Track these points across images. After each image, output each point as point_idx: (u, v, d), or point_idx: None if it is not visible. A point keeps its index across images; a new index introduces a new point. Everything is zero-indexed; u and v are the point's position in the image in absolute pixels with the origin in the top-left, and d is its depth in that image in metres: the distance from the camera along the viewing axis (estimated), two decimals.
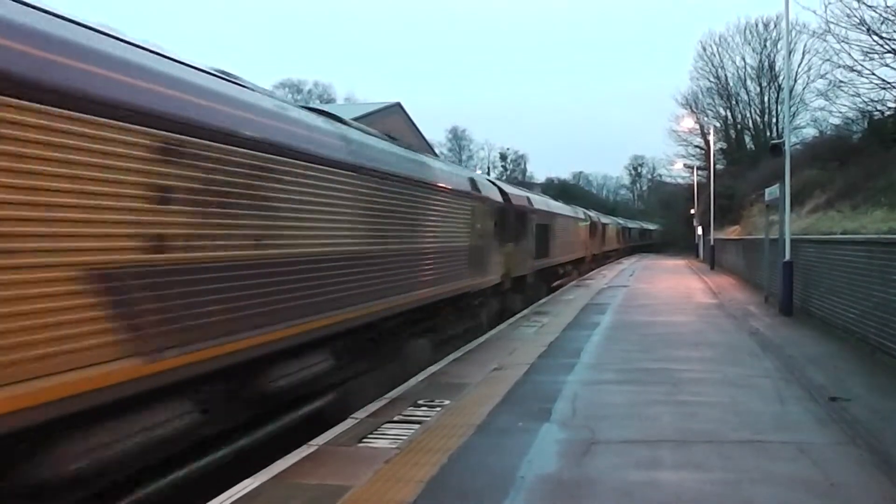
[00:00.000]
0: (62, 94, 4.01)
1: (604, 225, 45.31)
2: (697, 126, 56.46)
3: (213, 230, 5.24)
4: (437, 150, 68.30)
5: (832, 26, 26.60)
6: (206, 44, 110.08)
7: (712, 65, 55.25)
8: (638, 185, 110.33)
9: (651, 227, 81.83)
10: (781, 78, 49.33)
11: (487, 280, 14.22)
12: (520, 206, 18.23)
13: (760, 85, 53.76)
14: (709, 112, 57.13)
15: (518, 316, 16.08)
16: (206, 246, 5.14)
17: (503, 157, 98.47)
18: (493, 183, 16.88)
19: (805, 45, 43.11)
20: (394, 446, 6.06)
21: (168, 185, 4.80)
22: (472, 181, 13.63)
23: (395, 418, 7.00)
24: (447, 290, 11.23)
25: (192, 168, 5.04)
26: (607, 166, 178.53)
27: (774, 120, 52.39)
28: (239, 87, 6.17)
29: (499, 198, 15.63)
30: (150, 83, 4.78)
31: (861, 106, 29.04)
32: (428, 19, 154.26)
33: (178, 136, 4.89)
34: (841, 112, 31.93)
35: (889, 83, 26.14)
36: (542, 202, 23.69)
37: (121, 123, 4.40)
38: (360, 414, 7.16)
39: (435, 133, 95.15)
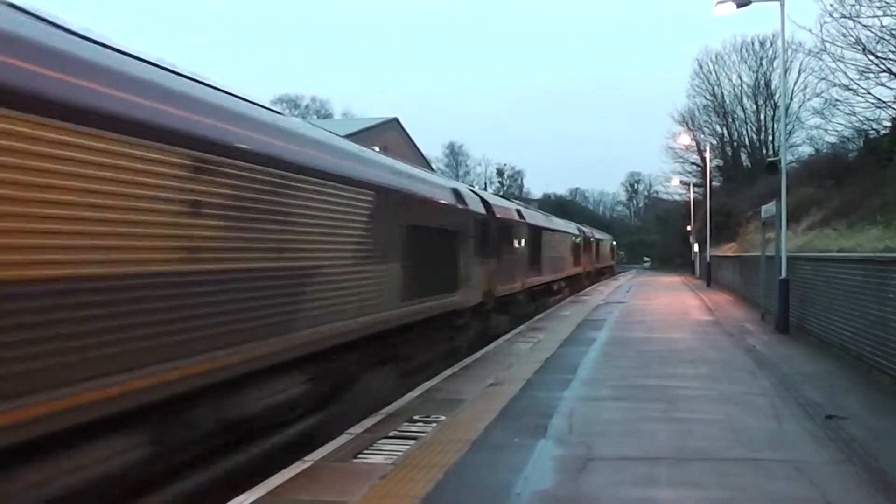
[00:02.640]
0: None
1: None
2: (694, 143, 56.70)
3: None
4: (434, 166, 68.37)
5: (828, 45, 26.97)
6: (204, 55, 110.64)
7: (708, 82, 55.72)
8: (634, 201, 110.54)
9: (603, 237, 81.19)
10: (777, 96, 49.73)
11: (577, 271, 32.37)
12: (589, 236, 39.41)
13: (756, 103, 54.15)
14: (705, 129, 57.55)
15: (514, 332, 16.11)
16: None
17: (500, 172, 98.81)
18: (580, 227, 36.92)
19: (801, 64, 43.22)
20: (389, 462, 6.02)
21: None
22: (578, 228, 34.56)
23: (391, 434, 6.96)
24: (569, 274, 29.75)
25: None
26: (604, 183, 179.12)
27: (770, 137, 52.68)
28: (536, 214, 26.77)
29: (581, 234, 35.66)
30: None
31: (857, 124, 29.35)
32: (425, 35, 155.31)
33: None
34: (837, 130, 32.27)
35: (885, 102, 26.43)
36: (597, 233, 47.54)
37: None
38: (356, 429, 7.12)
39: (432, 148, 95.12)
